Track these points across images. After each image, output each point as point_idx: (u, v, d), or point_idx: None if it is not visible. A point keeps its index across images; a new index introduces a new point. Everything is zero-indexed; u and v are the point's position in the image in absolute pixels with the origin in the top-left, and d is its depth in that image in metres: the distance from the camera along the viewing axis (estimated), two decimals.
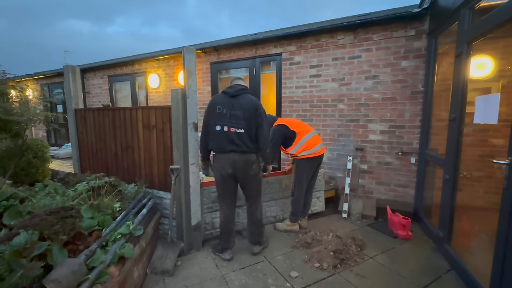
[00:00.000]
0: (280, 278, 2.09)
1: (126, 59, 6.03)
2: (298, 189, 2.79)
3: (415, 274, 2.13)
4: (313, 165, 2.78)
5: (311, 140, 2.73)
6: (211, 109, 2.24)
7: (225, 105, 2.20)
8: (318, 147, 2.76)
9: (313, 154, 2.72)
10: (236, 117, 2.17)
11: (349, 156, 3.43)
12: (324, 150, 2.83)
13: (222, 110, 2.19)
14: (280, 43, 4.06)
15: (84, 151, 3.51)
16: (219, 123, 2.19)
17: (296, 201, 2.82)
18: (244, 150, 2.19)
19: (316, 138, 2.79)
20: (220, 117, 2.19)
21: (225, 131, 2.18)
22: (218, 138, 2.20)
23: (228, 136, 2.17)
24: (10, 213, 1.91)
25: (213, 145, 2.25)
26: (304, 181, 2.78)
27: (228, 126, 2.18)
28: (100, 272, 1.40)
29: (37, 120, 2.88)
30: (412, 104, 3.25)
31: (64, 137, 7.35)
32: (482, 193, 2.50)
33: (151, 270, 2.12)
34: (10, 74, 2.92)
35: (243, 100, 2.21)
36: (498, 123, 1.76)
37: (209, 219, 2.67)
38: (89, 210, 1.90)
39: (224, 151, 2.19)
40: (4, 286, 1.20)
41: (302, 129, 2.75)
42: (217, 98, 2.27)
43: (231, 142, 2.17)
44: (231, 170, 2.21)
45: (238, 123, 2.17)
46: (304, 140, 2.71)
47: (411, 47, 3.20)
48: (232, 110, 2.18)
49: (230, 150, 2.18)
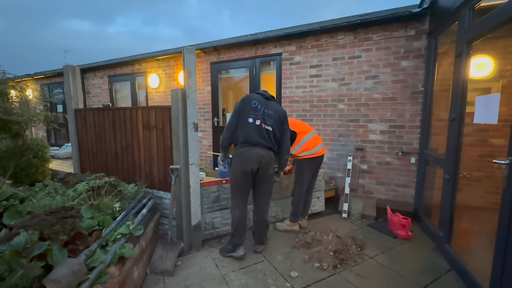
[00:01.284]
0: (280, 278, 2.09)
1: (126, 59, 6.03)
2: (298, 190, 2.79)
3: (415, 274, 2.13)
4: (313, 165, 2.78)
5: (311, 140, 2.73)
6: (247, 102, 2.33)
7: (261, 102, 2.34)
8: (319, 148, 2.75)
9: (313, 155, 2.71)
10: (268, 115, 2.30)
11: (349, 156, 3.43)
12: (324, 150, 2.83)
13: (257, 105, 2.31)
14: (280, 43, 4.06)
15: (84, 151, 3.51)
16: (253, 116, 2.28)
17: (297, 202, 2.82)
18: (270, 146, 2.29)
19: (317, 139, 2.79)
20: (254, 111, 2.29)
21: (257, 124, 2.27)
22: (249, 130, 2.26)
23: (259, 129, 2.27)
24: (10, 213, 1.91)
25: (242, 136, 2.28)
26: (304, 182, 2.78)
27: (260, 120, 2.28)
28: (100, 272, 1.40)
29: (37, 120, 2.87)
30: (412, 104, 3.25)
31: (64, 137, 7.35)
32: (482, 193, 2.50)
33: (151, 270, 2.13)
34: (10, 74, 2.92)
35: (275, 105, 2.40)
36: (498, 123, 1.76)
37: (209, 219, 2.67)
38: (89, 210, 1.90)
39: (253, 143, 2.24)
40: (4, 286, 1.20)
41: (302, 129, 2.74)
42: (253, 95, 2.41)
43: (261, 136, 2.26)
44: (256, 166, 2.25)
45: (269, 121, 2.30)
46: (304, 140, 2.71)
47: (411, 47, 3.20)
48: (266, 108, 2.32)
49: (258, 142, 2.24)
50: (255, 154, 2.22)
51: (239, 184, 2.32)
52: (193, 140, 2.44)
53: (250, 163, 2.23)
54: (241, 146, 2.27)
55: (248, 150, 2.24)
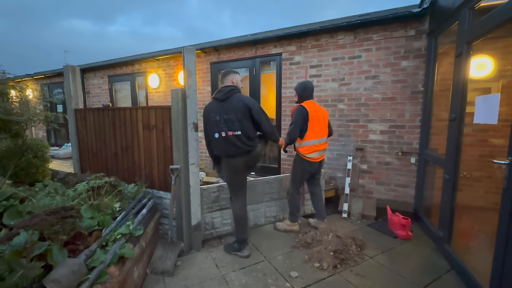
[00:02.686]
0: (280, 278, 2.09)
1: (126, 59, 6.03)
2: (292, 187, 2.81)
3: (415, 274, 2.13)
4: (305, 167, 2.74)
5: (313, 147, 2.70)
6: (207, 118, 2.30)
7: (218, 111, 2.23)
8: (315, 155, 2.71)
9: (307, 158, 2.71)
10: (230, 121, 2.19)
11: (349, 156, 3.43)
12: (320, 158, 2.78)
13: (215, 117, 2.23)
14: (280, 43, 4.05)
15: (84, 151, 3.51)
16: (216, 130, 2.24)
17: (291, 200, 2.82)
18: (247, 150, 2.24)
19: (318, 147, 2.72)
20: (216, 125, 2.24)
21: (223, 137, 2.22)
22: (220, 145, 2.26)
23: (228, 140, 2.21)
24: (10, 213, 1.91)
25: (218, 151, 2.32)
26: (297, 180, 2.79)
27: (225, 131, 2.21)
28: (100, 272, 1.40)
29: (37, 120, 2.87)
30: (412, 104, 3.25)
31: (64, 137, 7.35)
32: (482, 193, 2.50)
33: (151, 270, 2.13)
34: (10, 74, 2.92)
35: (234, 102, 2.20)
36: (498, 123, 1.76)
37: (209, 219, 2.67)
38: (89, 210, 1.90)
39: (230, 155, 2.25)
40: (4, 286, 1.20)
41: (313, 132, 2.67)
42: (209, 106, 2.31)
43: (234, 146, 2.21)
44: (245, 167, 2.33)
45: (233, 126, 2.19)
46: (307, 143, 2.69)
47: (411, 47, 3.20)
48: (225, 114, 2.20)
49: (235, 153, 2.23)
50: (239, 161, 2.27)
51: (237, 181, 2.37)
52: (193, 140, 2.44)
53: (239, 167, 2.30)
54: (224, 157, 2.32)
55: (231, 161, 2.28)
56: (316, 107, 2.72)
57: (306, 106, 2.64)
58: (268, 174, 4.12)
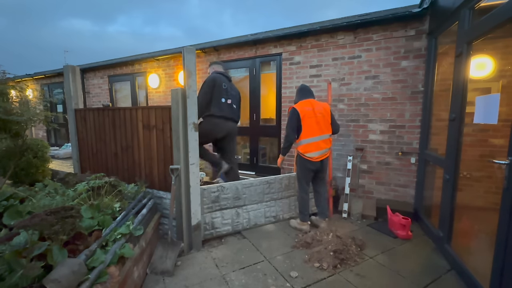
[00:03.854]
0: (280, 278, 2.09)
1: (126, 59, 6.02)
2: (299, 187, 2.89)
3: (415, 274, 2.13)
4: (306, 166, 2.78)
5: (309, 145, 2.73)
6: (219, 85, 2.93)
7: (227, 84, 3.02)
8: (314, 154, 2.73)
9: (307, 157, 2.74)
10: (232, 96, 3.06)
11: (349, 156, 3.43)
12: (321, 158, 2.77)
13: (226, 87, 3.00)
14: (280, 43, 4.06)
15: (84, 151, 3.51)
16: (224, 96, 2.96)
17: (299, 200, 2.89)
18: (235, 119, 3.11)
19: (316, 145, 2.73)
20: (225, 92, 2.97)
21: (228, 103, 3.00)
22: (223, 107, 2.95)
23: (230, 107, 3.02)
24: (10, 213, 1.91)
25: (217, 110, 2.92)
26: (302, 178, 2.85)
27: (231, 100, 3.03)
28: (100, 272, 1.40)
29: (37, 120, 2.87)
30: (412, 104, 3.25)
31: (64, 137, 7.35)
32: (482, 193, 2.50)
33: (151, 270, 2.13)
34: (10, 74, 2.92)
35: (234, 86, 3.18)
36: (498, 123, 1.76)
37: (209, 219, 2.67)
38: (89, 210, 1.90)
39: (226, 117, 2.97)
40: (4, 286, 1.20)
41: (308, 130, 2.71)
42: (221, 77, 2.99)
43: (231, 112, 3.02)
44: (225, 134, 3.04)
45: (233, 100, 3.07)
46: (303, 142, 2.73)
47: (411, 47, 3.20)
48: (231, 90, 3.07)
49: (230, 117, 3.02)
50: (227, 125, 3.01)
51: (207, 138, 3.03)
52: (193, 140, 2.44)
53: (222, 131, 3.01)
54: (218, 116, 2.96)
55: (221, 121, 2.98)
56: (311, 104, 2.76)
57: (296, 106, 2.76)
58: (268, 174, 4.13)
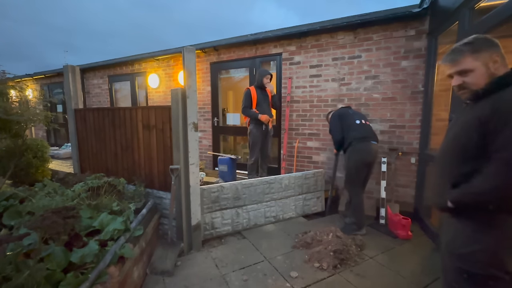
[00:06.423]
0: (280, 278, 2.09)
1: (126, 59, 6.02)
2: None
3: (415, 274, 2.13)
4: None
5: None
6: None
7: None
8: None
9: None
10: None
11: (383, 158, 3.38)
12: None
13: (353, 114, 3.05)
14: (280, 43, 4.05)
15: (84, 151, 3.51)
16: (358, 118, 2.96)
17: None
18: None
19: None
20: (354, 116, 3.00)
21: None
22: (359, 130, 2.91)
23: None
24: (10, 213, 1.92)
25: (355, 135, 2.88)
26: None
27: None
28: (100, 272, 1.40)
29: (37, 120, 2.87)
30: (412, 104, 3.24)
31: (64, 137, 7.35)
32: None
33: (151, 270, 2.12)
34: (10, 74, 2.92)
35: None
36: None
37: (209, 219, 2.67)
38: (88, 210, 1.91)
39: None
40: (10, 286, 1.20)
41: None
42: None
43: None
44: None
45: None
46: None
47: (411, 47, 3.20)
48: None
49: None
50: None
51: None
52: (193, 140, 2.44)
53: None
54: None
55: None
56: None
57: None
58: (268, 174, 4.12)
